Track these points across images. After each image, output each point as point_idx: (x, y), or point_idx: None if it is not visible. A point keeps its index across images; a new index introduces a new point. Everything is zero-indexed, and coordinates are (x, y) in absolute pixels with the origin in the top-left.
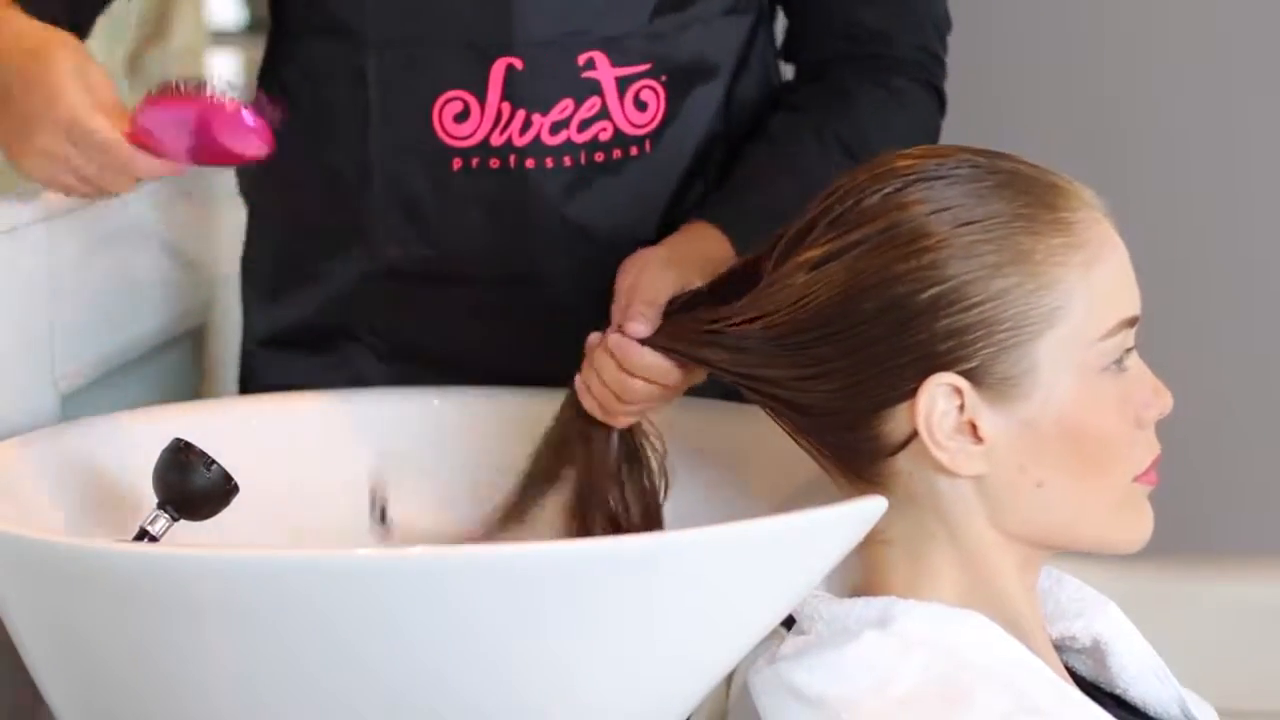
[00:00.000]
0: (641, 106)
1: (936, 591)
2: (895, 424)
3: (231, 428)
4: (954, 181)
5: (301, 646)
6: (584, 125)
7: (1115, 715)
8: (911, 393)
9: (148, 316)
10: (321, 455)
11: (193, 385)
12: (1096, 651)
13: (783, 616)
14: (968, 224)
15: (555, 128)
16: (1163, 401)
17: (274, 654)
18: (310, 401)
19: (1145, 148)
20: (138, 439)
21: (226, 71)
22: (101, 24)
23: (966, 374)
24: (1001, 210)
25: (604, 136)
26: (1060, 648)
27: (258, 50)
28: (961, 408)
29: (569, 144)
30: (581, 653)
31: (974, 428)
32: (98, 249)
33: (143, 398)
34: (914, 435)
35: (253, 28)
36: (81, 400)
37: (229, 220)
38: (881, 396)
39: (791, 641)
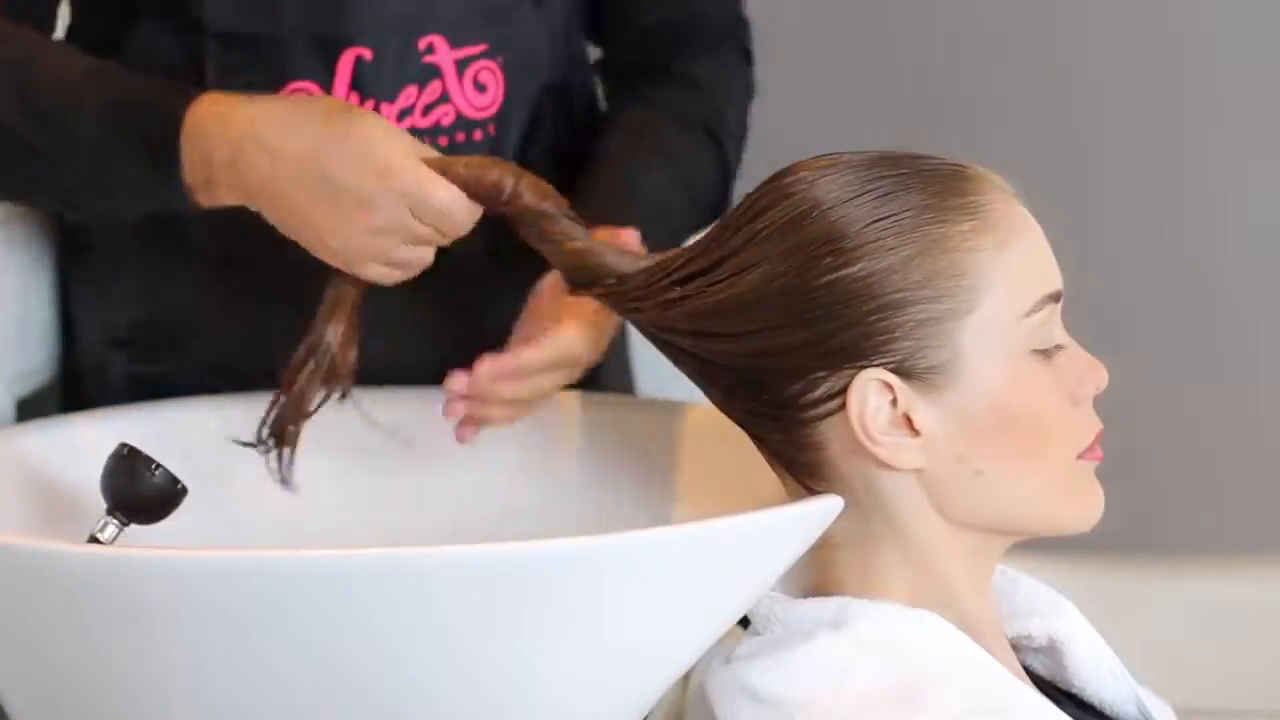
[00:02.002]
0: (481, 88)
1: (890, 591)
2: (829, 423)
3: (186, 429)
4: (861, 182)
5: (255, 646)
6: (427, 109)
7: (1072, 714)
8: (842, 392)
9: None
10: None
11: None
12: (1053, 650)
13: (740, 616)
14: (878, 221)
15: (401, 115)
16: (1097, 376)
17: (230, 654)
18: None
19: (1145, 138)
20: (91, 442)
21: None
22: None
23: (894, 368)
24: (910, 203)
25: (446, 121)
26: (1017, 647)
27: None
28: (894, 402)
29: (413, 130)
30: (544, 651)
31: (909, 420)
32: (54, 251)
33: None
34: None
35: None
36: (37, 404)
37: None
38: (810, 399)
39: (747, 642)
